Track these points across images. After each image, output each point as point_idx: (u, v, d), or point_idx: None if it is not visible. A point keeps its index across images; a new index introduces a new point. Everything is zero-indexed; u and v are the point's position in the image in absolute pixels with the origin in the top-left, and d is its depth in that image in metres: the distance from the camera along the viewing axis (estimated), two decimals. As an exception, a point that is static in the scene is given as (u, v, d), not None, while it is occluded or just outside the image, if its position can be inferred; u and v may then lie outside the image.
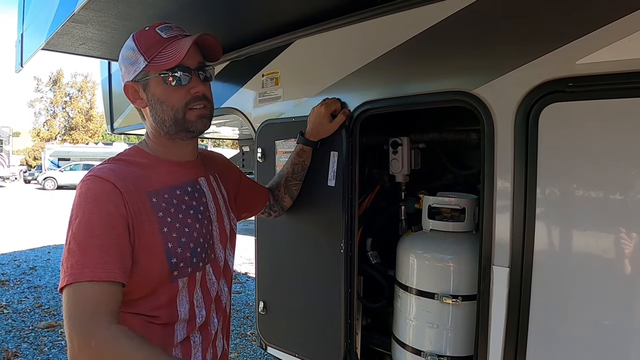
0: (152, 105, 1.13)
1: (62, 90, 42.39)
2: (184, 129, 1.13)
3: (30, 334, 4.39)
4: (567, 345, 1.14)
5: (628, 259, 1.05)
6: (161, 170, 1.14)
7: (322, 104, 1.63)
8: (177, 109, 1.11)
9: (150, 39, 1.10)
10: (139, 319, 1.06)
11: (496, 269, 1.24)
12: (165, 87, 1.10)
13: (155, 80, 1.10)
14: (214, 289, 1.20)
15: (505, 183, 1.22)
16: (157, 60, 1.08)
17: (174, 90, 1.10)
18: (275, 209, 1.69)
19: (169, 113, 1.11)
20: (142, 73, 1.11)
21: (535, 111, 1.15)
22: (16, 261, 7.31)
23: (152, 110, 1.13)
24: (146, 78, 1.11)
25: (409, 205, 1.79)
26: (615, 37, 1.01)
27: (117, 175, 1.03)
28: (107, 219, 0.97)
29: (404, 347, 1.59)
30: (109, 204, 0.98)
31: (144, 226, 1.03)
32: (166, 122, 1.12)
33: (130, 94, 1.15)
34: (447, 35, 1.33)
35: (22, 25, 2.21)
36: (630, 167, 1.03)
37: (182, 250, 1.09)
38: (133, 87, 1.14)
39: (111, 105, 4.12)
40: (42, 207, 15.20)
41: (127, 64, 1.13)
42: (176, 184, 1.15)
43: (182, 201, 1.14)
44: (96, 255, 0.94)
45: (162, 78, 1.09)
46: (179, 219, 1.10)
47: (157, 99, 1.11)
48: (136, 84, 1.13)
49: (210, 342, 1.20)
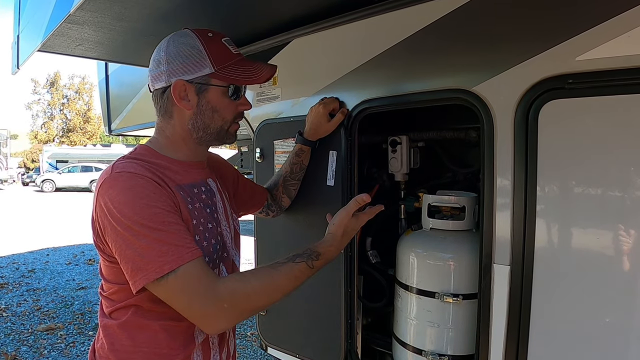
0: (200, 110, 1.14)
1: (59, 92, 42.34)
2: (220, 138, 1.19)
3: (30, 337, 4.38)
4: (569, 343, 1.14)
5: (629, 256, 1.04)
6: (177, 170, 1.14)
7: (320, 103, 1.62)
8: (227, 121, 1.18)
9: (221, 49, 1.14)
10: (161, 324, 1.07)
11: (497, 267, 1.24)
12: (223, 98, 1.15)
13: (216, 89, 1.13)
14: None
15: (505, 181, 1.21)
16: (228, 73, 1.13)
17: (229, 103, 1.16)
18: (273, 209, 1.69)
19: (217, 122, 1.16)
20: (202, 77, 1.11)
21: (534, 108, 1.14)
22: (15, 264, 7.29)
23: (199, 115, 1.14)
24: (206, 84, 1.12)
25: (409, 204, 1.79)
26: (615, 33, 1.00)
27: (146, 169, 1.03)
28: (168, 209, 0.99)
29: (404, 346, 1.58)
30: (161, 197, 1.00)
31: (182, 213, 1.05)
32: (209, 129, 1.16)
33: (177, 92, 1.11)
34: (446, 32, 1.32)
35: (18, 26, 2.20)
36: (630, 163, 1.03)
37: (207, 245, 1.11)
38: (184, 87, 1.11)
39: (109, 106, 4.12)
40: (40, 209, 15.17)
41: (186, 62, 1.10)
42: (193, 182, 1.16)
43: (200, 199, 1.15)
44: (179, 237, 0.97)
45: (225, 90, 1.14)
46: (203, 215, 1.13)
47: (212, 107, 1.14)
48: (189, 84, 1.11)
49: (225, 341, 1.23)
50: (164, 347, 1.07)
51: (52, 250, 8.36)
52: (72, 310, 5.12)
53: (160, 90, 1.15)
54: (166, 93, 1.13)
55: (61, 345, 4.20)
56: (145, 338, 1.07)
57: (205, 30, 1.15)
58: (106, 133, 4.27)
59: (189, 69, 1.10)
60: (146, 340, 1.06)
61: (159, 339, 1.06)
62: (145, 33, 1.80)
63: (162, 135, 1.19)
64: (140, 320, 1.06)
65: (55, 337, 4.38)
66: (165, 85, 1.12)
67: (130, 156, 1.11)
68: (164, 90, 1.14)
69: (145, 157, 1.11)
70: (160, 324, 1.06)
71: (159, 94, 1.16)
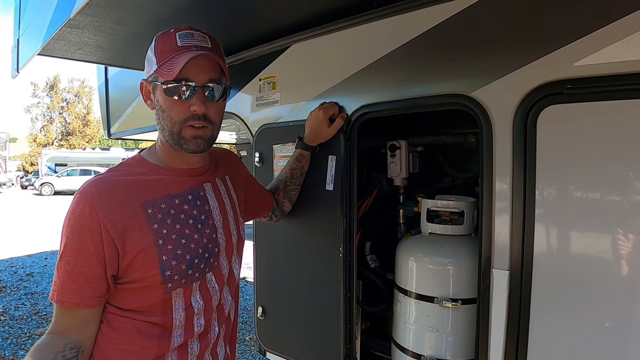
0: (156, 110, 1.13)
1: (58, 96, 42.34)
2: (177, 143, 1.10)
3: (28, 340, 4.36)
4: (568, 347, 1.14)
5: (628, 260, 1.04)
6: (161, 179, 1.12)
7: (320, 108, 1.62)
8: (175, 122, 1.08)
9: (167, 43, 1.07)
10: (135, 323, 1.07)
11: (496, 271, 1.24)
12: (167, 96, 1.07)
13: (159, 87, 1.08)
14: (216, 298, 1.18)
15: (504, 185, 1.21)
16: (163, 69, 1.06)
17: (174, 103, 1.07)
18: (277, 213, 1.69)
19: (167, 123, 1.09)
20: (152, 75, 1.10)
21: (533, 113, 1.15)
22: (13, 267, 7.27)
23: (156, 115, 1.14)
24: (155, 82, 1.10)
25: (408, 208, 1.79)
26: (613, 39, 1.01)
27: (106, 191, 1.03)
28: (80, 248, 1.00)
29: (404, 351, 1.58)
30: (84, 232, 1.00)
31: (135, 240, 1.02)
32: (165, 130, 1.11)
33: (143, 92, 1.15)
34: (445, 38, 1.33)
35: (18, 30, 2.20)
36: (628, 168, 1.03)
37: (177, 263, 1.07)
38: (146, 87, 1.14)
39: (108, 110, 4.11)
40: (39, 213, 15.13)
41: (146, 62, 1.13)
42: (176, 192, 1.13)
43: (181, 210, 1.12)
44: (67, 282, 1.01)
45: (164, 88, 1.07)
46: (175, 230, 1.09)
47: (160, 106, 1.10)
48: (147, 83, 1.13)
49: (209, 348, 1.19)
50: (135, 345, 1.07)
51: (51, 253, 8.34)
52: (70, 314, 5.10)
53: None
54: None
55: (59, 349, 4.18)
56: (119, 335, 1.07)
57: (178, 27, 1.10)
58: (105, 137, 4.26)
59: (147, 67, 1.12)
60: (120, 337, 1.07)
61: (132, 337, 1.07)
62: (145, 37, 1.80)
63: (157, 140, 1.19)
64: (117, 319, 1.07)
65: (53, 342, 4.36)
66: None
67: (116, 167, 1.14)
68: None
69: (130, 168, 1.13)
70: (134, 323, 1.07)
71: None
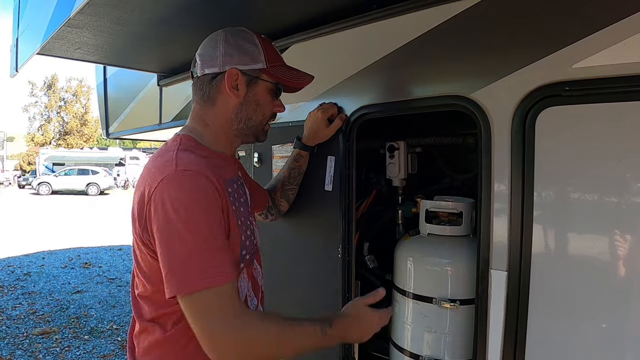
0: (247, 102, 1.17)
1: (56, 95, 42.24)
2: (254, 134, 1.23)
3: (25, 340, 4.35)
4: (566, 349, 1.14)
5: (626, 262, 1.05)
6: (220, 163, 1.14)
7: (318, 109, 1.63)
8: (265, 117, 1.23)
9: (273, 50, 1.23)
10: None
11: (494, 272, 1.24)
12: (268, 94, 1.21)
13: (265, 85, 1.19)
14: (259, 280, 1.28)
15: (502, 187, 1.22)
16: (278, 72, 1.20)
17: (270, 101, 1.22)
18: (272, 212, 1.69)
19: (258, 117, 1.21)
20: (255, 71, 1.17)
21: (532, 115, 1.15)
22: (10, 267, 7.25)
23: (244, 106, 1.17)
24: (258, 77, 1.18)
25: (406, 209, 1.79)
26: (612, 41, 1.01)
27: (206, 166, 1.02)
28: (221, 222, 1.00)
29: (402, 352, 1.58)
30: (218, 209, 1.00)
31: (230, 220, 1.06)
32: (251, 121, 1.20)
33: (230, 80, 1.14)
34: (444, 39, 1.33)
35: (17, 29, 2.20)
36: (627, 170, 1.03)
37: (249, 243, 1.14)
38: (237, 76, 1.15)
39: (106, 109, 4.11)
40: (36, 212, 15.10)
41: (243, 55, 1.15)
42: (231, 176, 1.18)
43: (239, 194, 1.17)
44: (222, 257, 0.96)
45: (273, 87, 1.21)
46: (241, 211, 1.14)
47: (256, 100, 1.19)
48: (242, 75, 1.15)
49: None
50: None
51: (48, 253, 8.33)
52: (68, 314, 5.09)
53: (209, 76, 1.16)
54: (216, 79, 1.16)
55: (56, 349, 4.18)
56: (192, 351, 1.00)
57: (259, 33, 1.22)
58: (103, 136, 4.26)
59: (245, 60, 1.15)
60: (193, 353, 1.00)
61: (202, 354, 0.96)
62: (145, 37, 1.81)
63: (200, 123, 1.19)
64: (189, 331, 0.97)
65: (50, 341, 4.35)
66: (218, 72, 1.15)
67: (183, 147, 1.08)
68: (214, 77, 1.16)
69: (195, 150, 1.09)
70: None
71: (207, 80, 1.17)
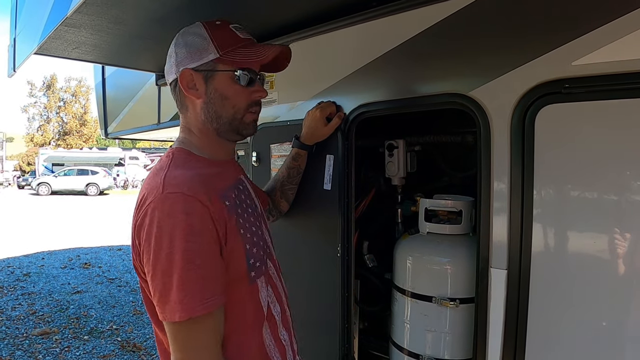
0: (209, 99, 1.11)
1: (55, 95, 42.26)
2: (236, 130, 1.14)
3: (25, 341, 4.35)
4: (566, 347, 1.14)
5: (626, 260, 1.04)
6: (219, 172, 1.11)
7: (317, 108, 1.62)
8: (239, 109, 1.12)
9: (225, 34, 1.11)
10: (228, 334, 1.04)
11: (494, 271, 1.24)
12: (232, 84, 1.10)
13: (223, 75, 1.10)
14: (279, 284, 1.22)
15: (502, 185, 1.21)
16: (233, 57, 1.09)
17: (240, 90, 1.11)
18: (273, 213, 1.68)
19: (228, 110, 1.11)
20: (208, 64, 1.09)
21: (531, 113, 1.15)
22: (10, 267, 7.25)
23: (208, 104, 1.11)
24: (213, 70, 1.09)
25: (405, 208, 1.79)
26: (611, 38, 1.01)
27: (199, 186, 0.98)
28: (206, 246, 0.95)
29: (401, 350, 1.58)
30: (204, 230, 0.95)
31: (228, 234, 1.01)
32: (222, 118, 1.12)
33: (185, 82, 1.10)
34: (443, 37, 1.33)
35: (14, 29, 2.19)
36: (627, 168, 1.03)
37: (257, 250, 1.09)
38: (191, 75, 1.10)
39: (105, 109, 4.11)
40: (36, 212, 15.09)
41: (191, 50, 1.10)
42: (231, 183, 1.13)
43: (241, 200, 1.12)
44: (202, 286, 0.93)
45: (233, 75, 1.10)
46: (245, 218, 1.10)
47: (220, 94, 1.10)
48: (196, 72, 1.10)
49: (292, 335, 1.23)
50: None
51: (48, 253, 8.32)
52: (67, 315, 5.09)
53: (173, 84, 1.15)
54: (177, 86, 1.13)
55: (56, 349, 4.17)
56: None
57: (215, 20, 1.14)
58: (102, 136, 4.25)
59: (194, 57, 1.09)
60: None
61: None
62: (143, 36, 1.80)
63: (186, 132, 1.17)
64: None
65: (50, 342, 4.34)
66: (176, 77, 1.12)
67: (176, 164, 1.05)
68: (176, 83, 1.13)
69: (189, 164, 1.07)
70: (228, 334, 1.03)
71: (173, 88, 1.15)
